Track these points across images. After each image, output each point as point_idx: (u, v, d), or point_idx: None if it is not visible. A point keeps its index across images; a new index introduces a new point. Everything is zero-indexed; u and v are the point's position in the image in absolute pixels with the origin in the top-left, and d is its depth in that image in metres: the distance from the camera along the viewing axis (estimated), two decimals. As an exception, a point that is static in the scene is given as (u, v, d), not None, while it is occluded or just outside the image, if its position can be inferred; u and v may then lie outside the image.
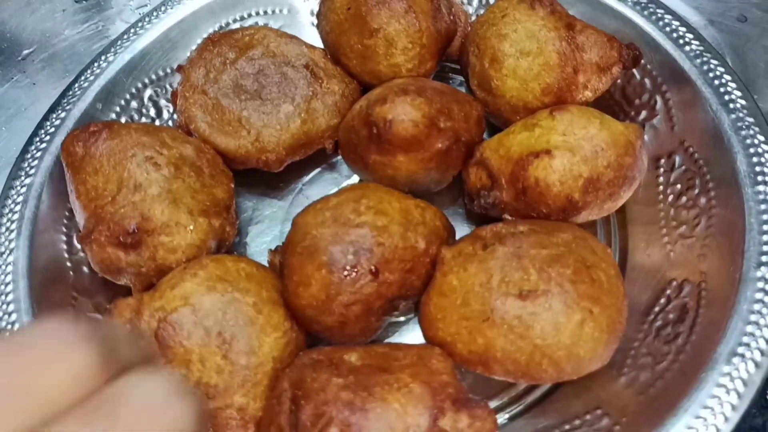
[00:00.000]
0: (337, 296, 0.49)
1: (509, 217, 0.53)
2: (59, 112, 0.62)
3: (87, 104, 0.62)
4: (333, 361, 0.46)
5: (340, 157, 0.62)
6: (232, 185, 0.58)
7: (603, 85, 0.56)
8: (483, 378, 0.48)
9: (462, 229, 0.58)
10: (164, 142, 0.56)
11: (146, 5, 0.86)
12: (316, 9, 0.67)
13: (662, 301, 0.51)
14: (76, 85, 0.63)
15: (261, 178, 0.62)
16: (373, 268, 0.49)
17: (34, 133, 0.61)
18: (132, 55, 0.65)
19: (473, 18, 0.67)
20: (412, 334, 0.55)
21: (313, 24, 0.68)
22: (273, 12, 0.69)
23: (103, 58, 0.65)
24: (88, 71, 0.64)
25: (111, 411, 0.26)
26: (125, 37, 0.66)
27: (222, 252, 0.56)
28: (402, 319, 0.56)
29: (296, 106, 0.60)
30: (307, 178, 0.64)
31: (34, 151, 0.59)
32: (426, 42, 0.59)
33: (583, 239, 0.49)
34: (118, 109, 0.64)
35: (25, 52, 0.84)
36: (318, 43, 0.65)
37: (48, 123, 0.61)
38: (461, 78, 0.67)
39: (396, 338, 0.55)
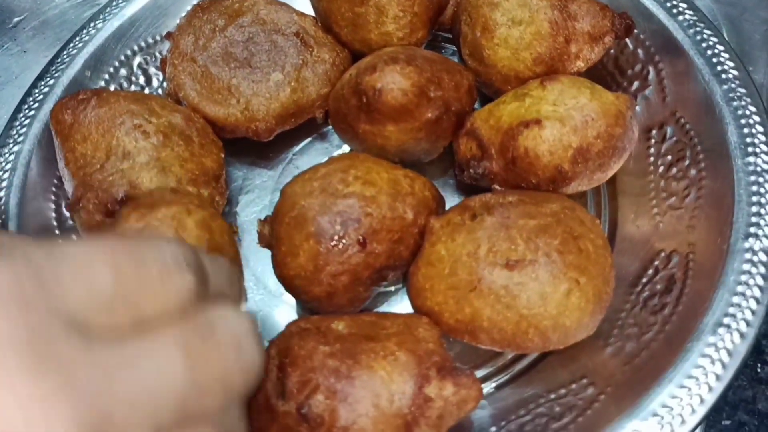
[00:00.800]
0: (325, 266, 0.49)
1: (499, 188, 0.53)
2: (48, 79, 0.61)
3: (76, 71, 0.62)
4: (320, 330, 0.46)
5: (330, 127, 0.62)
6: (222, 155, 0.58)
7: (595, 55, 0.56)
8: (470, 347, 0.48)
9: (452, 200, 0.58)
10: (153, 110, 0.55)
11: (137, -28, 0.84)
12: (307, -24, 0.66)
13: (650, 272, 0.51)
14: (65, 52, 0.63)
15: (251, 147, 0.62)
16: (360, 238, 0.49)
17: (23, 101, 0.60)
18: (121, 22, 0.64)
19: (466, -14, 0.66)
20: (400, 305, 0.55)
21: (304, -9, 0.67)
22: (264, -21, 0.68)
23: (92, 24, 0.64)
24: (77, 38, 0.63)
25: (208, 337, 0.28)
26: (114, 3, 0.65)
27: (211, 221, 0.56)
28: (391, 289, 0.56)
29: (286, 75, 0.59)
30: (297, 148, 0.64)
31: (23, 119, 0.59)
32: (417, 10, 0.58)
33: (571, 210, 0.49)
34: (107, 76, 0.63)
35: (16, 19, 0.83)
36: (308, 10, 0.64)
37: (36, 90, 0.60)
38: (453, 47, 0.66)
39: (384, 308, 0.55)
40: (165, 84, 0.63)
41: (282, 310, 0.56)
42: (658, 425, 0.41)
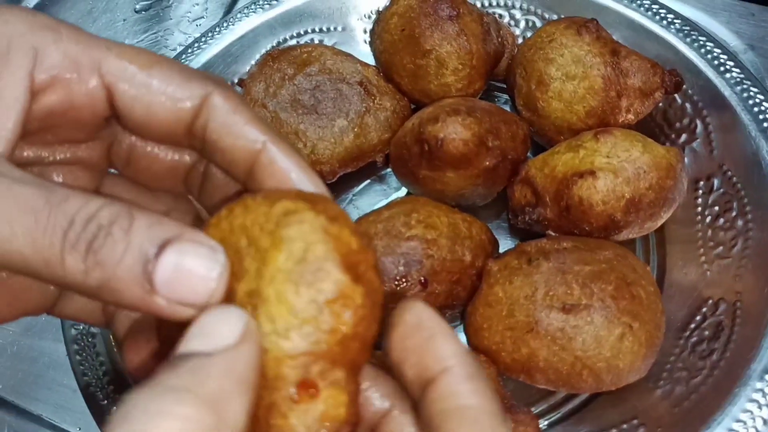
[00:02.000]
0: (388, 305, 0.52)
1: (552, 234, 0.56)
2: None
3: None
4: (384, 366, 0.49)
5: (389, 170, 0.65)
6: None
7: (645, 108, 0.59)
8: (523, 386, 0.51)
9: (505, 243, 0.61)
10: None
11: (203, 17, 0.89)
12: (369, 27, 0.70)
13: (698, 318, 0.53)
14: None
15: (314, 188, 0.65)
16: (422, 279, 0.52)
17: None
18: (196, 68, 0.68)
19: (520, 40, 0.69)
20: (455, 342, 0.58)
21: (366, 42, 0.71)
22: (328, 29, 0.72)
23: (168, 70, 0.68)
24: (154, 83, 0.68)
25: None
26: (189, 51, 0.69)
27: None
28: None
29: (350, 121, 0.63)
30: (357, 189, 0.67)
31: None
32: (476, 63, 0.62)
33: (623, 257, 0.51)
34: (181, 119, 0.67)
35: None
36: (370, 60, 0.68)
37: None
38: (506, 96, 0.69)
39: (440, 345, 0.58)
40: (234, 126, 0.67)
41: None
42: (709, 467, 0.43)
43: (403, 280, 0.52)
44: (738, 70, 0.59)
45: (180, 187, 0.33)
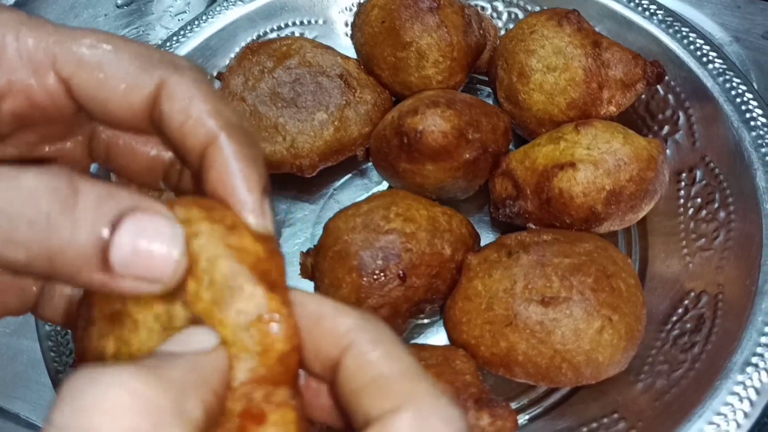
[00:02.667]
0: (366, 299, 0.51)
1: (533, 226, 0.55)
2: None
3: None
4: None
5: (370, 164, 0.65)
6: (268, 189, 0.61)
7: (627, 100, 0.58)
8: (504, 380, 0.50)
9: (487, 237, 0.60)
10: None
11: (185, 11, 0.89)
12: (350, 20, 0.70)
13: (680, 310, 0.53)
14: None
15: (294, 182, 0.65)
16: (401, 272, 0.52)
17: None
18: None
19: (502, 32, 0.69)
20: (436, 336, 0.57)
21: (347, 35, 0.70)
22: (309, 22, 0.71)
23: (146, 64, 0.67)
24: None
25: None
26: (168, 44, 0.68)
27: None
28: (426, 321, 0.58)
29: (330, 114, 0.62)
30: (338, 183, 0.67)
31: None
32: (457, 56, 0.61)
33: (604, 249, 0.51)
34: (160, 113, 0.67)
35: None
36: (352, 53, 0.67)
37: (94, 125, 0.64)
38: (489, 89, 0.69)
39: (421, 340, 0.58)
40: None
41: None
42: (688, 460, 0.43)
43: (382, 274, 0.51)
44: (720, 61, 0.59)
45: (159, 183, 0.32)
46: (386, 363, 0.22)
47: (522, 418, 0.52)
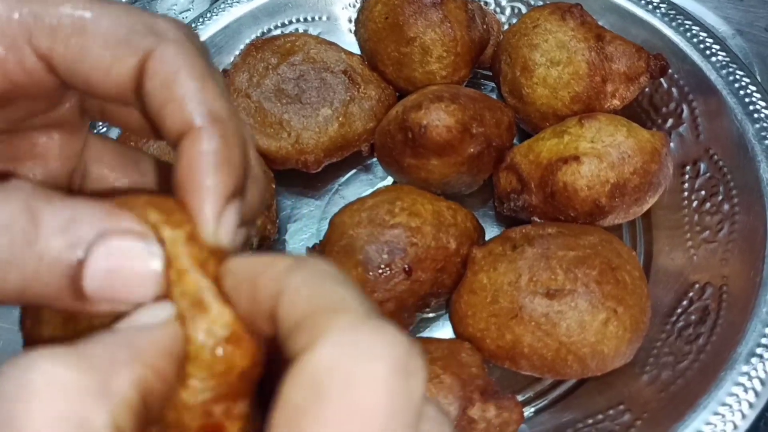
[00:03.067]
0: (372, 293, 0.52)
1: (538, 220, 0.56)
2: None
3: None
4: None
5: (374, 159, 0.65)
6: (273, 185, 0.61)
7: (630, 93, 0.58)
8: (510, 373, 0.50)
9: (492, 231, 0.61)
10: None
11: (189, 9, 0.89)
12: (354, 16, 0.70)
13: (685, 302, 0.53)
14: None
15: (299, 178, 0.65)
16: (406, 267, 0.52)
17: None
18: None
19: (506, 27, 0.69)
20: (442, 330, 0.57)
21: (350, 31, 0.71)
22: (313, 19, 0.72)
23: (151, 62, 0.68)
24: (138, 74, 0.67)
25: None
26: (173, 42, 0.69)
27: (263, 249, 0.59)
28: (432, 315, 0.58)
29: (334, 110, 0.63)
30: (343, 179, 0.67)
31: (87, 150, 0.63)
32: (460, 50, 0.61)
33: (608, 242, 0.51)
34: (165, 110, 0.67)
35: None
36: (355, 49, 0.68)
37: (101, 125, 0.64)
38: (493, 84, 0.69)
39: (427, 333, 0.58)
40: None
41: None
42: (694, 450, 0.43)
43: (387, 268, 0.52)
44: (724, 54, 0.59)
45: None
46: (315, 299, 0.19)
47: (528, 411, 0.52)
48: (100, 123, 0.63)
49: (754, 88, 0.57)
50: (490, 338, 0.50)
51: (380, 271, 0.52)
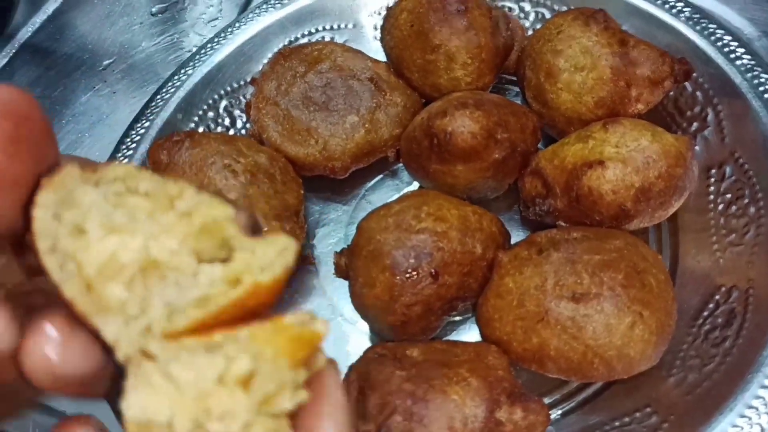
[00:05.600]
0: (399, 297, 0.53)
1: (563, 224, 0.56)
2: (143, 121, 0.67)
3: (169, 114, 0.67)
4: (396, 356, 0.50)
5: (401, 165, 0.66)
6: (302, 191, 0.62)
7: (655, 98, 0.59)
8: (536, 376, 0.51)
9: (517, 235, 0.61)
10: (241, 151, 0.60)
11: (218, 18, 0.91)
12: (380, 24, 0.71)
13: (711, 305, 0.53)
14: (158, 96, 0.69)
15: (327, 184, 0.66)
16: (433, 271, 0.53)
17: (121, 141, 0.66)
18: (209, 68, 0.70)
19: (529, 32, 0.69)
20: (468, 334, 0.58)
21: (376, 38, 0.72)
22: (339, 27, 0.73)
23: (182, 71, 0.70)
24: (169, 83, 0.69)
25: None
26: (203, 51, 0.70)
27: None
28: (459, 318, 0.59)
29: (361, 117, 0.64)
30: (369, 184, 0.68)
31: (121, 158, 0.64)
32: (485, 57, 0.62)
33: (634, 246, 0.52)
34: (196, 119, 0.69)
35: (106, 62, 0.90)
36: (381, 56, 0.69)
37: (133, 132, 0.66)
38: (517, 89, 0.69)
39: (453, 336, 0.59)
40: (248, 125, 0.68)
41: (357, 336, 0.60)
42: (721, 452, 0.43)
43: (414, 272, 0.52)
44: (748, 57, 0.59)
45: None
46: None
47: (555, 413, 0.53)
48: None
49: (779, 92, 0.57)
50: (517, 341, 0.50)
51: (407, 275, 0.53)
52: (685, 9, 0.63)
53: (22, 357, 0.23)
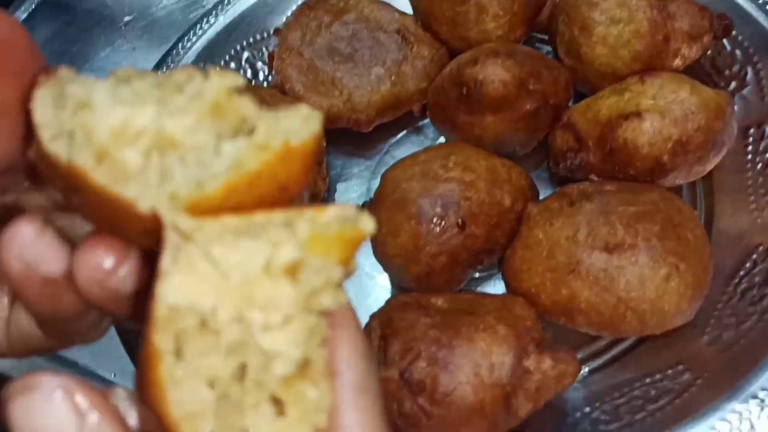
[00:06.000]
0: (424, 246, 0.51)
1: (595, 179, 0.54)
2: (163, 71, 0.65)
3: (189, 65, 0.66)
4: (421, 304, 0.48)
5: (426, 121, 0.64)
6: (324, 143, 0.61)
7: (693, 53, 0.57)
8: (564, 332, 0.49)
9: (545, 194, 0.59)
10: (264, 100, 0.59)
11: (240, -23, 0.89)
12: (407, -23, 0.69)
13: (748, 265, 0.51)
14: (179, 45, 0.67)
15: (350, 138, 0.64)
16: (459, 221, 0.51)
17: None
18: (231, 19, 0.68)
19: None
20: (493, 291, 0.56)
21: (404, -8, 0.70)
22: (365, -21, 0.71)
23: (204, 20, 0.68)
24: (191, 32, 0.68)
25: None
26: (226, 2, 0.69)
27: (314, 205, 0.58)
28: (483, 275, 0.57)
29: (387, 69, 0.62)
30: (393, 140, 0.66)
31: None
32: (517, 9, 0.60)
33: (670, 200, 0.50)
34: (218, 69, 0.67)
35: (126, 19, 0.88)
36: (409, 9, 0.67)
37: (153, 80, 0.64)
38: (548, 48, 0.67)
39: (477, 294, 0.57)
40: (270, 78, 0.67)
41: (377, 290, 0.58)
42: (758, 407, 0.42)
43: (441, 221, 0.51)
44: (791, 14, 0.57)
45: None
46: (357, 415, 0.23)
47: (582, 370, 0.51)
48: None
49: (823, 49, 0.55)
50: (546, 293, 0.48)
51: (433, 224, 0.51)
52: (725, -35, 0.61)
53: (75, 274, 0.23)
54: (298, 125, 0.22)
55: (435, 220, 0.51)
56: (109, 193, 0.21)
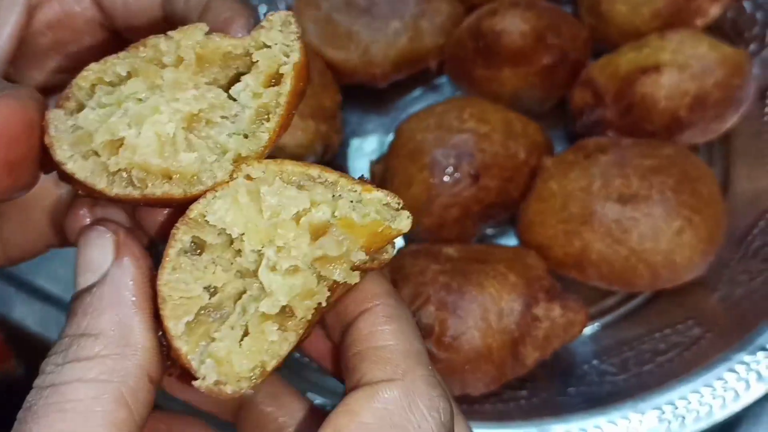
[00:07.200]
0: (437, 198, 0.51)
1: (612, 135, 0.54)
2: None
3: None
4: (431, 252, 0.48)
5: (442, 80, 0.64)
6: (339, 97, 0.60)
7: (714, 11, 0.56)
8: (574, 288, 0.49)
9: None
10: (279, 50, 0.58)
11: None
12: (427, -66, 0.68)
13: (761, 223, 0.51)
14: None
15: (365, 95, 0.64)
16: (473, 172, 0.51)
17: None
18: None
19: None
20: (504, 247, 0.56)
21: (423, -50, 0.69)
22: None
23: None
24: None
25: None
26: (244, -46, 0.68)
27: (327, 157, 0.58)
28: (494, 232, 0.57)
29: (404, 24, 0.62)
30: (409, 98, 0.66)
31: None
32: (538, -35, 0.60)
33: (686, 156, 0.49)
34: (234, 21, 0.67)
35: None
36: (428, -34, 0.66)
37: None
38: (569, 9, 0.67)
39: (488, 249, 0.57)
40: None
41: (389, 244, 0.58)
42: (766, 358, 0.41)
43: (454, 172, 0.51)
44: (817, -25, 0.56)
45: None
46: (395, 338, 0.24)
47: (593, 327, 0.51)
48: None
49: None
50: (558, 245, 0.48)
51: (446, 175, 0.51)
52: (750, -75, 0.60)
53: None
54: (286, 39, 0.25)
55: (448, 170, 0.51)
56: (188, 197, 0.24)
